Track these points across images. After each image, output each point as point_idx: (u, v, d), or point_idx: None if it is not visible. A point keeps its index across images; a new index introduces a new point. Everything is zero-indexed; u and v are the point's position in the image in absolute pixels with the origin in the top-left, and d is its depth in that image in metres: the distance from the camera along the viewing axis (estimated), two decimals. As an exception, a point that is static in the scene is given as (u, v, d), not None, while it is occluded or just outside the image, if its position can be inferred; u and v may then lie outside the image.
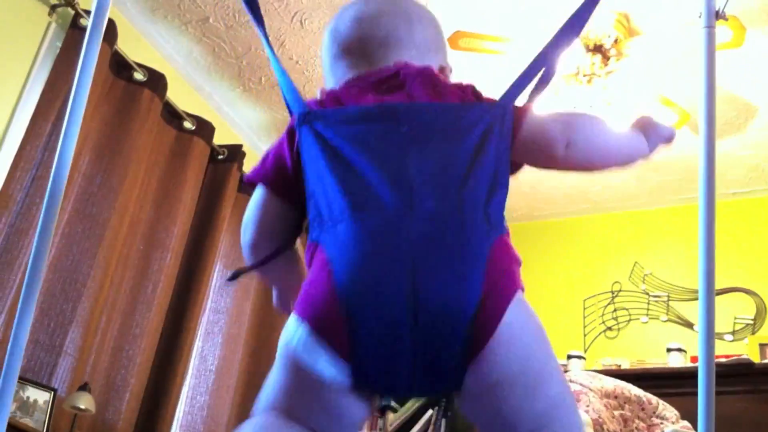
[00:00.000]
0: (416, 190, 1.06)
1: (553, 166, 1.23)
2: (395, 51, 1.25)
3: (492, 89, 1.18)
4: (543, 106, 1.17)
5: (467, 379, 1.02)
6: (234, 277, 1.26)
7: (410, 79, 1.19)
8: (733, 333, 4.11)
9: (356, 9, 1.30)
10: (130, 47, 3.69)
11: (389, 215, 1.05)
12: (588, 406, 2.64)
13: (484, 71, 3.80)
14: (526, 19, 3.54)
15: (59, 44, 3.43)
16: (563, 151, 1.18)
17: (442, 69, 1.29)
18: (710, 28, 1.27)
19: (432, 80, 1.20)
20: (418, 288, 1.01)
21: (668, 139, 1.35)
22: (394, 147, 1.11)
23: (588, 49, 3.50)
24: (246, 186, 4.46)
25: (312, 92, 4.17)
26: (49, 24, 3.48)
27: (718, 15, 1.27)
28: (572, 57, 3.51)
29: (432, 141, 1.12)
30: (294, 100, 1.27)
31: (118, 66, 3.64)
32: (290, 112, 1.28)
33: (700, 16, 1.27)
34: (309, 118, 1.21)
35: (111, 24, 3.42)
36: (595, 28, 3.45)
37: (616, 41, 3.48)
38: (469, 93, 1.19)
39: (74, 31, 3.39)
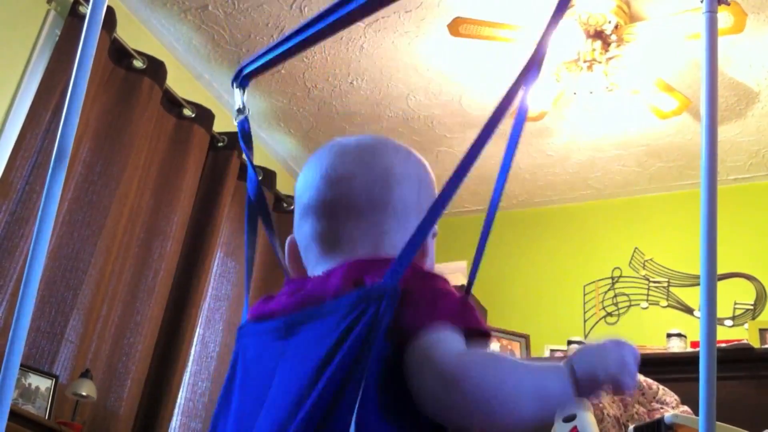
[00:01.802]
0: None
1: (430, 414, 0.90)
2: (366, 218, 1.05)
3: (495, 78, 1.14)
4: (542, 94, 1.14)
5: None
6: None
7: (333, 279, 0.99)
8: (734, 318, 4.12)
9: (326, 165, 1.10)
10: (129, 35, 3.68)
11: None
12: (588, 391, 2.65)
13: (487, 58, 3.80)
14: (525, 4, 3.53)
15: (58, 32, 3.42)
16: (436, 401, 0.88)
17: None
18: (711, 13, 1.26)
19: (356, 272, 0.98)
20: None
21: (617, 377, 0.95)
22: (266, 373, 0.97)
23: (588, 35, 3.49)
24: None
25: (311, 79, 4.17)
26: (48, 12, 3.47)
27: (719, 0, 1.27)
28: (573, 43, 3.50)
29: (292, 356, 0.96)
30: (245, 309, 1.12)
31: (118, 54, 3.63)
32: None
33: (701, 1, 1.27)
34: (240, 332, 1.09)
35: (110, 12, 3.41)
36: (596, 14, 3.44)
37: (616, 27, 3.47)
38: (369, 278, 0.94)
39: (73, 19, 3.38)
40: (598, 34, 3.49)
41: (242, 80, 1.26)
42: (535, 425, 0.92)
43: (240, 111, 1.23)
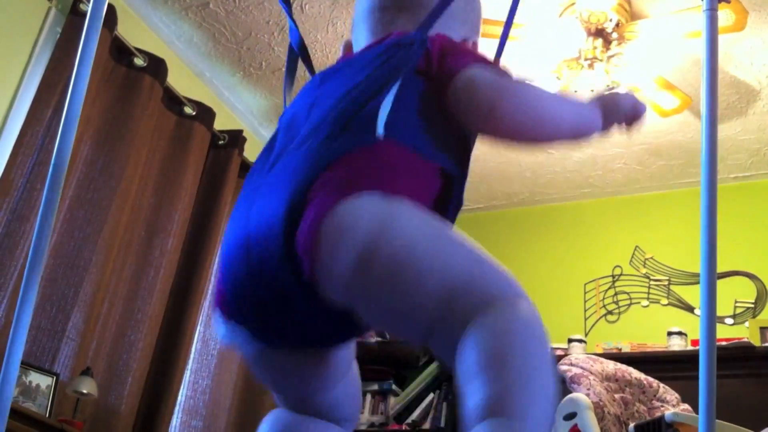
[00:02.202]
0: (295, 134, 1.08)
1: (479, 130, 1.10)
2: (407, 14, 1.23)
3: None
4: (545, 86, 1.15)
5: (328, 300, 0.93)
6: None
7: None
8: (734, 317, 4.12)
9: None
10: (130, 33, 3.68)
11: (257, 170, 1.09)
12: (589, 389, 2.65)
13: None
14: (526, 2, 3.52)
15: (59, 30, 3.42)
16: (485, 115, 1.04)
17: (464, 42, 1.24)
18: (712, 11, 1.26)
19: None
20: (250, 217, 1.00)
21: (631, 117, 1.15)
22: (307, 102, 1.14)
23: (589, 33, 3.49)
24: (246, 171, 4.46)
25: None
26: (49, 9, 3.47)
27: (720, -2, 1.27)
28: (574, 41, 3.50)
29: (330, 84, 1.12)
30: None
31: (119, 52, 3.63)
32: None
33: None
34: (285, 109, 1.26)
35: (111, 9, 3.41)
36: (597, 12, 3.44)
37: (617, 25, 3.47)
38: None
39: (74, 17, 3.38)
40: (599, 32, 3.49)
41: None
42: (568, 142, 1.13)
43: None
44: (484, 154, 4.39)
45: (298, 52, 1.32)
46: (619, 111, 1.13)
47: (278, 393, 1.13)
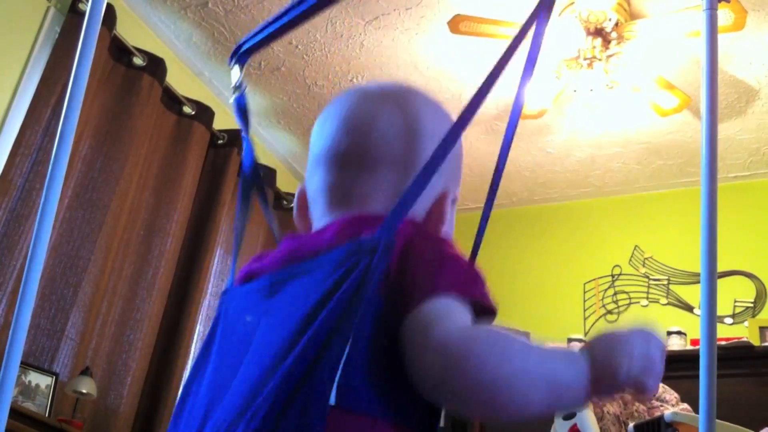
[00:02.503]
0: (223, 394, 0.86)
1: (425, 395, 0.82)
2: (381, 172, 0.96)
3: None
4: (542, 92, 1.13)
5: None
6: None
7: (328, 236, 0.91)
8: (734, 316, 4.12)
9: (344, 109, 1.02)
10: (129, 32, 3.68)
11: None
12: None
13: (487, 55, 3.80)
14: (525, 1, 3.52)
15: (58, 29, 3.42)
16: (432, 385, 0.79)
17: (442, 198, 1.00)
18: (712, 10, 1.26)
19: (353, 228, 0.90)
20: None
21: (637, 381, 0.82)
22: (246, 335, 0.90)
23: (589, 33, 3.49)
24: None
25: (311, 77, 4.17)
26: (48, 9, 3.47)
27: (719, -3, 1.26)
28: (573, 40, 3.50)
29: (279, 303, 0.89)
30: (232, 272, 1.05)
31: (118, 51, 3.63)
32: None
33: (701, -1, 1.27)
34: (223, 297, 1.02)
35: (110, 9, 3.41)
36: (596, 12, 3.44)
37: (617, 24, 3.47)
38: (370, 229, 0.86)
39: (73, 16, 3.38)
40: (599, 32, 3.49)
41: (240, 57, 1.19)
42: (539, 417, 0.82)
43: (237, 88, 1.16)
44: (483, 153, 4.39)
45: (252, 178, 1.11)
46: (616, 381, 0.82)
47: None
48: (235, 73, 1.18)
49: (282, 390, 0.78)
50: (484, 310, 0.87)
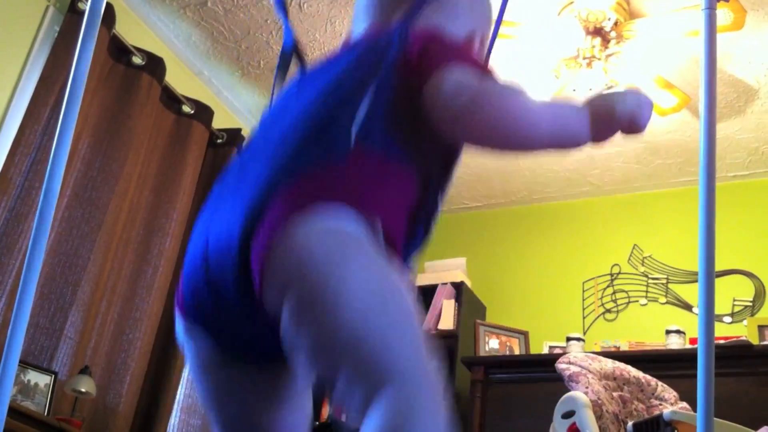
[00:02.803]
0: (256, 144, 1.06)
1: (447, 134, 1.04)
2: (406, 5, 1.16)
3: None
4: (541, 91, 1.14)
5: (274, 319, 0.93)
6: None
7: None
8: (732, 315, 4.12)
9: None
10: (128, 31, 3.68)
11: (217, 194, 1.06)
12: (587, 387, 2.65)
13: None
14: (524, 1, 3.52)
15: (57, 28, 3.42)
16: (453, 119, 0.99)
17: (470, 39, 1.20)
18: (711, 10, 1.26)
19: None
20: (212, 223, 1.00)
21: (629, 124, 1.02)
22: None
23: (588, 32, 3.49)
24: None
25: (311, 75, 4.17)
26: (47, 8, 3.47)
27: (718, -3, 1.26)
28: (572, 40, 3.50)
29: (309, 85, 1.08)
30: None
31: (117, 50, 3.63)
32: None
33: (700, -2, 1.27)
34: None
35: (109, 8, 3.41)
36: (595, 11, 3.44)
37: (616, 24, 3.47)
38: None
39: (72, 15, 3.38)
40: (598, 31, 3.49)
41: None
42: (546, 149, 1.02)
43: None
44: (482, 152, 4.38)
45: (291, 54, 1.27)
46: (614, 118, 1.01)
47: (217, 410, 1.08)
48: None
49: (312, 124, 0.98)
50: None
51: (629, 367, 2.94)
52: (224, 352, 1.03)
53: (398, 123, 1.01)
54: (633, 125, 1.00)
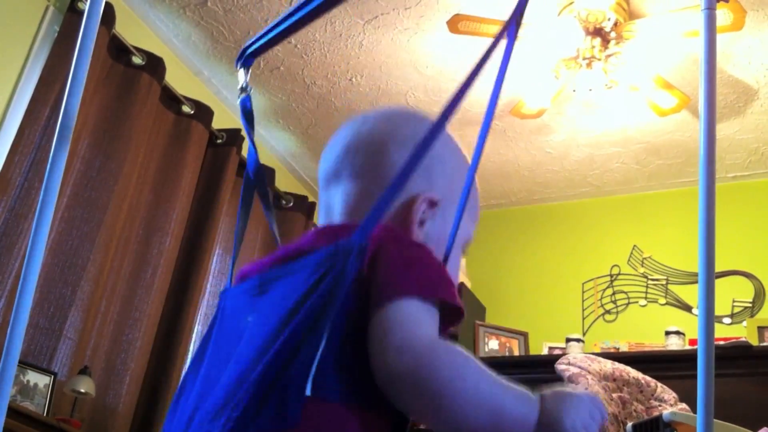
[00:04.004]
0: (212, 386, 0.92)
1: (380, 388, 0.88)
2: (350, 184, 1.04)
3: (494, 76, 1.11)
4: (541, 91, 1.13)
5: None
6: None
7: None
8: (732, 316, 4.12)
9: (346, 131, 1.10)
10: (128, 31, 3.67)
11: (182, 419, 0.94)
12: (587, 388, 2.65)
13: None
14: (532, 2, 3.52)
15: (57, 28, 3.42)
16: (382, 382, 0.85)
17: (412, 201, 1.01)
18: (710, 10, 1.26)
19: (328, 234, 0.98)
20: None
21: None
22: (236, 332, 0.97)
23: (588, 32, 3.49)
24: (243, 170, 4.47)
25: (310, 76, 4.17)
26: (47, 8, 3.47)
27: (718, -3, 1.26)
28: (572, 40, 3.50)
29: (267, 302, 0.95)
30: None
31: (117, 50, 3.63)
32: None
33: (700, -1, 1.27)
34: (222, 296, 1.09)
35: (109, 8, 3.41)
36: (595, 11, 3.44)
37: (615, 24, 3.47)
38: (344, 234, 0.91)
39: (72, 15, 3.38)
40: (598, 31, 3.49)
41: (246, 59, 1.27)
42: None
43: (243, 89, 1.24)
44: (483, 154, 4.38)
45: (255, 181, 1.15)
46: (563, 424, 0.87)
47: None
48: (241, 75, 1.25)
49: (262, 382, 0.84)
50: (451, 311, 0.91)
51: (629, 368, 2.94)
52: None
53: (354, 361, 0.87)
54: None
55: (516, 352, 4.33)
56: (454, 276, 1.03)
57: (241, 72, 1.26)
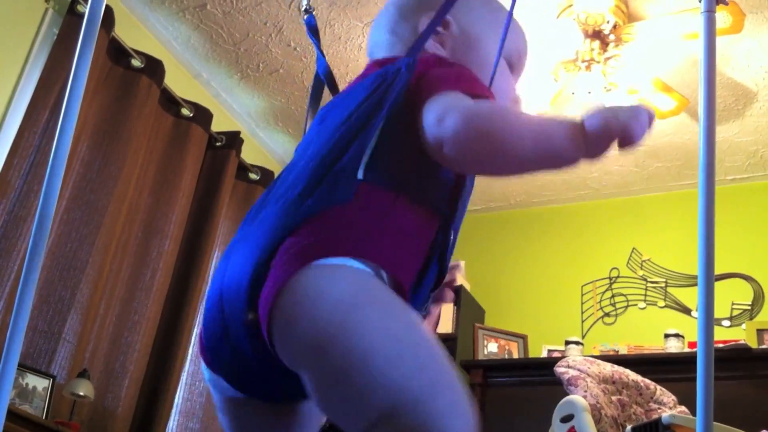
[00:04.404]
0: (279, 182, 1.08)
1: (437, 161, 1.01)
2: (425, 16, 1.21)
3: None
4: (540, 94, 1.13)
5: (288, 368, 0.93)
6: None
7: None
8: (731, 319, 4.12)
9: None
10: (127, 34, 3.68)
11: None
12: (586, 391, 2.65)
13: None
14: (525, 4, 3.52)
15: (56, 31, 3.42)
16: (437, 149, 0.97)
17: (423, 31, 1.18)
18: (710, 12, 1.26)
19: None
20: (227, 269, 1.00)
21: (625, 138, 0.91)
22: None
23: (587, 35, 3.49)
24: (243, 173, 4.44)
25: (310, 79, 4.16)
26: (46, 10, 3.47)
27: (717, 0, 1.26)
28: (571, 43, 3.50)
29: (327, 122, 1.10)
30: None
31: (116, 53, 3.63)
32: None
33: (699, 1, 1.27)
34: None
35: (108, 10, 3.41)
36: (594, 14, 3.44)
37: (615, 27, 3.47)
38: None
39: (71, 18, 3.38)
40: (597, 34, 3.49)
41: None
42: (538, 167, 0.97)
43: (306, 11, 1.41)
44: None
45: (325, 81, 1.33)
46: (607, 120, 0.91)
47: None
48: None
49: (319, 168, 0.99)
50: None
51: (628, 371, 2.94)
52: (242, 392, 1.04)
53: (404, 156, 1.02)
54: (626, 137, 0.90)
55: (515, 355, 4.32)
56: (503, 87, 1.25)
57: None
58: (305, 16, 1.40)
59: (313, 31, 1.38)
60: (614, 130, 0.90)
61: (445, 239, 1.06)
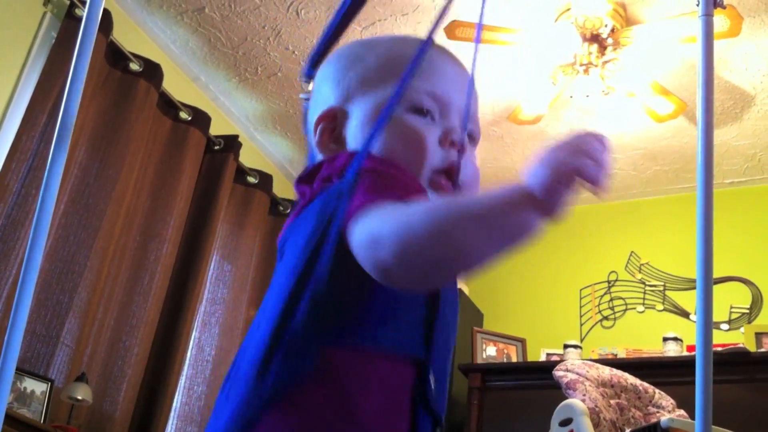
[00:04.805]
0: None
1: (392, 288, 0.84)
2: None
3: (492, 82, 1.11)
4: (538, 97, 1.12)
5: None
6: None
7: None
8: (730, 322, 4.12)
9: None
10: (125, 37, 3.68)
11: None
12: (584, 395, 2.65)
13: (484, 61, 3.80)
14: (522, 7, 3.53)
15: (54, 34, 3.42)
16: (379, 273, 0.79)
17: (323, 117, 1.07)
18: (708, 16, 1.26)
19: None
20: None
21: (584, 176, 0.78)
22: None
23: (585, 39, 3.49)
24: (241, 176, 4.43)
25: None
26: (45, 14, 3.47)
27: (715, 3, 1.26)
28: (569, 46, 3.50)
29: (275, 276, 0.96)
30: None
31: (114, 56, 3.63)
32: None
33: (697, 4, 1.27)
34: None
35: (107, 14, 3.41)
36: (592, 18, 3.45)
37: (613, 30, 3.47)
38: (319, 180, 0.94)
39: (69, 21, 3.38)
40: (595, 38, 3.50)
41: (309, 71, 1.30)
42: (501, 248, 0.80)
43: (306, 99, 1.25)
44: (480, 156, 4.39)
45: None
46: (555, 168, 0.79)
47: None
48: (307, 86, 1.30)
49: (272, 335, 0.83)
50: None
51: (627, 375, 2.94)
52: None
53: (362, 296, 0.85)
54: (589, 180, 0.77)
55: (514, 359, 4.32)
56: (406, 138, 1.00)
57: (308, 84, 1.30)
58: (304, 102, 1.26)
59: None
60: (565, 172, 0.78)
61: (424, 386, 0.89)
